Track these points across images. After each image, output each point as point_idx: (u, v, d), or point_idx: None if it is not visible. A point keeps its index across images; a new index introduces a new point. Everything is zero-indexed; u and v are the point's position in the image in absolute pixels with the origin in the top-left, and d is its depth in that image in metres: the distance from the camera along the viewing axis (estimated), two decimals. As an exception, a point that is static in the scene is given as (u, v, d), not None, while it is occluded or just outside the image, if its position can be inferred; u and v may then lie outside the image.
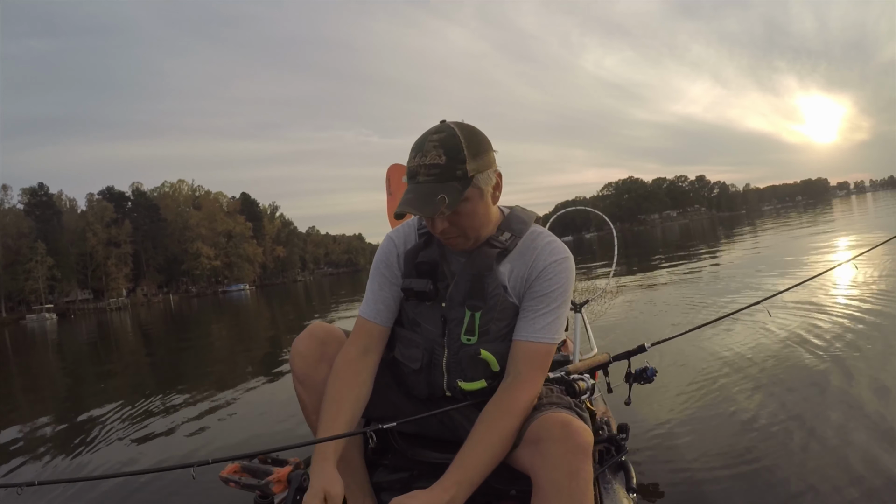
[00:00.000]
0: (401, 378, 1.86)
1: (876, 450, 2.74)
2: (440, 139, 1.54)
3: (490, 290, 1.67)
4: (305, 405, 1.84)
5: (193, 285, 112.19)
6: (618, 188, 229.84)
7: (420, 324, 1.77)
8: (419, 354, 1.77)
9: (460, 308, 1.70)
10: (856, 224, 22.91)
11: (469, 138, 1.56)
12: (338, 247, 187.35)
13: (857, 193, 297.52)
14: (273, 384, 6.51)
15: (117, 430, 5.06)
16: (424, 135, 1.58)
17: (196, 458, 1.46)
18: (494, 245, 1.69)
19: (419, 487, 1.75)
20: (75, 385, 9.26)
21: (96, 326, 32.64)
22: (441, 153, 1.52)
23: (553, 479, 1.42)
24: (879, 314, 5.58)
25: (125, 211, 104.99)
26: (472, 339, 1.69)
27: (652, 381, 2.40)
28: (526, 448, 1.54)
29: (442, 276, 1.74)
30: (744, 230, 35.27)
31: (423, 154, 1.53)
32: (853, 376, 3.91)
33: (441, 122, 1.60)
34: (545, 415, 1.58)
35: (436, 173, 1.52)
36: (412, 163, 1.56)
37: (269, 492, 1.48)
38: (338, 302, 21.30)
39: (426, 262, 1.74)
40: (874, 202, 55.94)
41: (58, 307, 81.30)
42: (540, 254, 1.69)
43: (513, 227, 1.73)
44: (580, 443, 1.44)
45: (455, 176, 1.53)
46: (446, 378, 1.75)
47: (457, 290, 1.70)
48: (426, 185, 1.53)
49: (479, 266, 1.68)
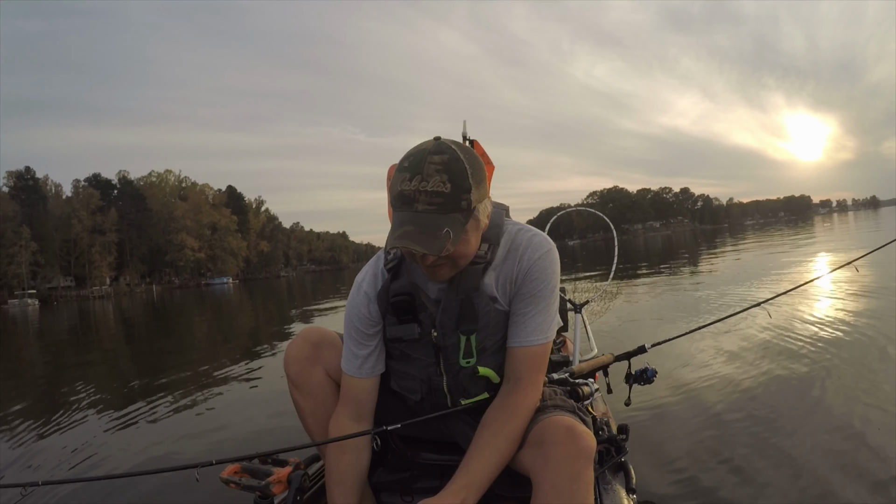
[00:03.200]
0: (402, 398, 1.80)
1: (877, 451, 2.81)
2: (443, 162, 1.37)
3: (481, 310, 1.59)
4: (301, 408, 1.81)
5: (176, 277, 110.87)
6: (602, 197, 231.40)
7: (410, 355, 1.69)
8: (417, 386, 1.71)
9: (453, 334, 1.61)
10: (843, 239, 23.12)
11: (472, 164, 1.41)
12: (321, 244, 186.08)
13: (839, 211, 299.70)
14: (268, 383, 6.44)
15: (108, 426, 5.04)
16: (420, 154, 1.39)
17: (194, 456, 1.53)
18: (476, 262, 1.57)
19: (419, 487, 1.83)
20: (68, 376, 9.14)
21: (80, 314, 32.12)
22: (445, 179, 1.36)
23: (555, 482, 1.40)
24: (879, 315, 5.75)
25: (111, 199, 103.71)
26: (472, 361, 1.63)
27: (652, 382, 2.37)
28: (528, 450, 1.51)
29: (421, 307, 1.63)
30: (726, 242, 35.45)
31: (424, 178, 1.36)
32: (854, 377, 4.01)
33: (436, 140, 1.44)
34: (549, 418, 1.54)
35: (439, 203, 1.36)
36: (407, 186, 1.38)
37: (270, 492, 1.53)
38: (319, 303, 21.01)
39: (401, 300, 1.63)
40: (855, 220, 56.34)
41: (40, 293, 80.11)
42: (524, 252, 1.59)
43: (488, 235, 1.59)
44: (583, 447, 1.42)
45: (459, 207, 1.38)
46: (449, 398, 1.70)
47: (447, 317, 1.60)
48: (427, 215, 1.37)
49: (466, 288, 1.58)
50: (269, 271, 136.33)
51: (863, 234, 25.69)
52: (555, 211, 5.21)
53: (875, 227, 30.34)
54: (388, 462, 1.91)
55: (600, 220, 5.23)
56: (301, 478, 1.57)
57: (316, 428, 1.80)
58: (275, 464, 1.63)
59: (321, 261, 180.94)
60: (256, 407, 5.23)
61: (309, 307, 19.82)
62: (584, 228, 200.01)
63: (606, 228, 6.03)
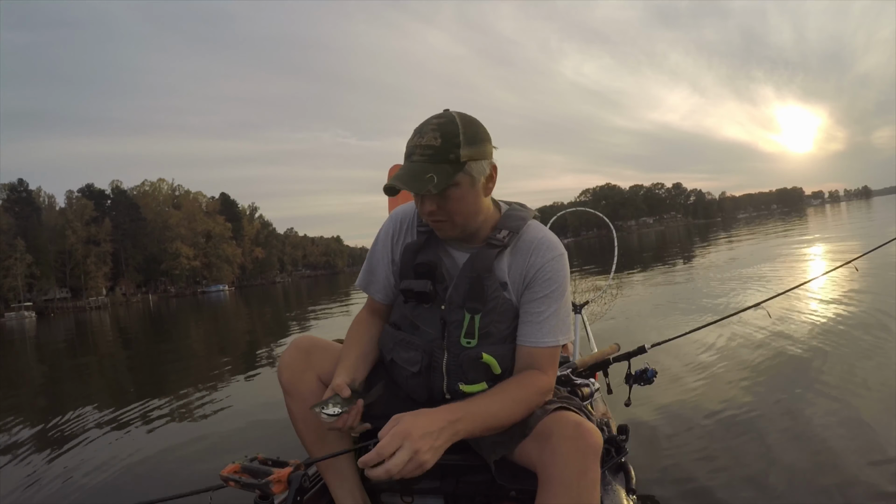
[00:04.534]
0: (399, 381, 1.83)
1: (877, 451, 2.83)
2: (439, 123, 1.55)
3: (490, 292, 1.66)
4: (293, 414, 1.83)
5: (172, 285, 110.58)
6: (595, 194, 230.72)
7: (419, 326, 1.75)
8: (418, 357, 1.74)
9: (459, 310, 1.68)
10: (838, 230, 23.05)
11: (467, 126, 1.57)
12: (316, 249, 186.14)
13: (832, 203, 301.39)
14: (267, 388, 6.48)
15: (109, 431, 5.11)
16: (427, 120, 1.59)
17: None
18: (493, 244, 1.69)
19: (419, 487, 1.85)
20: (72, 389, 9.09)
21: (77, 326, 31.90)
22: (437, 136, 1.53)
23: (562, 476, 1.41)
24: (879, 313, 5.78)
25: (105, 209, 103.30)
26: (473, 343, 1.67)
27: (652, 383, 2.39)
28: (535, 443, 1.53)
29: (440, 278, 1.72)
30: (719, 236, 35.46)
31: (421, 135, 1.55)
32: (854, 378, 4.02)
33: (444, 111, 1.62)
34: (557, 412, 1.58)
35: (429, 154, 1.53)
36: (409, 143, 1.58)
37: (269, 492, 1.52)
38: (315, 308, 20.99)
39: (424, 264, 1.73)
40: (848, 211, 56.49)
41: (36, 305, 79.67)
42: (537, 249, 1.69)
43: (510, 224, 1.72)
44: (591, 443, 1.44)
45: (447, 159, 1.53)
46: (446, 381, 1.72)
47: (456, 292, 1.69)
48: (418, 164, 1.54)
49: (479, 268, 1.67)
50: (265, 278, 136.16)
51: (856, 226, 25.60)
52: (548, 210, 5.20)
53: (868, 219, 30.14)
54: None
55: (593, 218, 5.22)
56: (301, 478, 1.56)
57: (308, 433, 1.82)
58: (275, 464, 1.62)
59: (316, 265, 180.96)
60: (257, 412, 5.26)
61: (305, 312, 19.85)
62: (577, 226, 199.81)
63: (600, 226, 6.01)
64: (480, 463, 1.71)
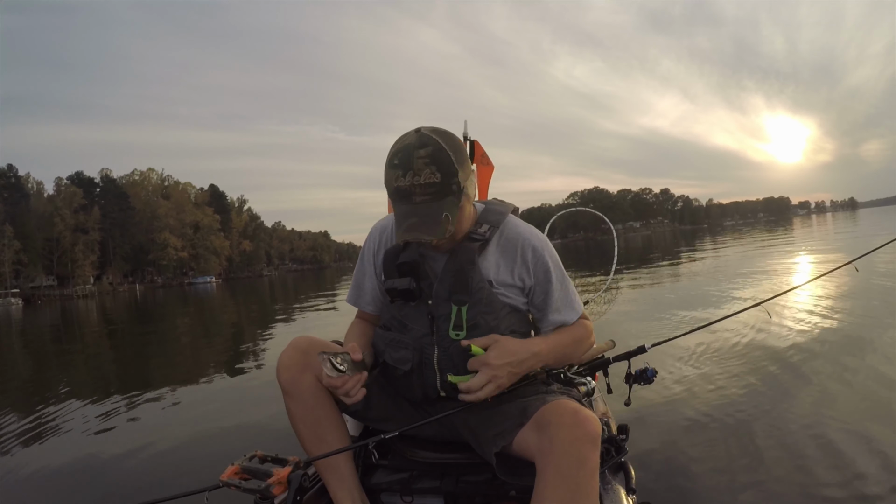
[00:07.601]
0: (393, 382, 1.84)
1: (876, 452, 2.89)
2: (429, 154, 1.51)
3: (474, 284, 1.68)
4: (292, 413, 1.81)
5: (159, 276, 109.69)
6: (583, 197, 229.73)
7: (407, 325, 1.75)
8: (409, 355, 1.74)
9: (446, 304, 1.69)
10: (823, 240, 23.23)
11: (454, 148, 1.56)
12: (303, 243, 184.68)
13: (818, 213, 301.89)
14: (259, 383, 6.50)
15: (95, 422, 5.16)
16: (406, 149, 1.54)
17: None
18: (475, 238, 1.71)
19: (419, 488, 1.85)
20: (54, 375, 9.07)
21: (64, 313, 31.74)
22: (434, 170, 1.51)
23: (560, 466, 1.40)
24: (877, 314, 5.90)
25: (94, 197, 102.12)
26: (462, 335, 1.67)
27: (652, 382, 2.34)
28: (533, 431, 1.53)
29: (424, 276, 1.73)
30: (705, 242, 35.52)
31: (415, 173, 1.50)
32: (853, 379, 4.11)
33: (417, 132, 1.57)
34: (555, 400, 1.58)
35: (433, 192, 1.52)
36: (402, 182, 1.52)
37: (270, 494, 1.55)
38: (302, 303, 20.86)
39: (407, 263, 1.73)
40: (834, 223, 56.55)
41: (23, 293, 78.64)
42: (523, 246, 1.74)
43: (490, 218, 1.76)
44: (589, 431, 1.43)
45: (451, 191, 1.54)
46: (439, 377, 1.73)
47: (441, 287, 1.70)
48: (425, 205, 1.53)
49: (462, 261, 1.68)
50: (252, 270, 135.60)
51: (840, 239, 25.26)
52: (535, 211, 5.23)
53: (853, 233, 28.99)
54: (387, 463, 1.92)
55: (581, 220, 5.26)
56: (301, 478, 1.59)
57: (307, 433, 1.81)
58: (274, 462, 1.66)
59: (303, 260, 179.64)
60: (250, 406, 5.31)
61: (291, 305, 19.87)
62: (564, 229, 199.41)
63: (587, 228, 6.05)
64: (480, 462, 1.72)
